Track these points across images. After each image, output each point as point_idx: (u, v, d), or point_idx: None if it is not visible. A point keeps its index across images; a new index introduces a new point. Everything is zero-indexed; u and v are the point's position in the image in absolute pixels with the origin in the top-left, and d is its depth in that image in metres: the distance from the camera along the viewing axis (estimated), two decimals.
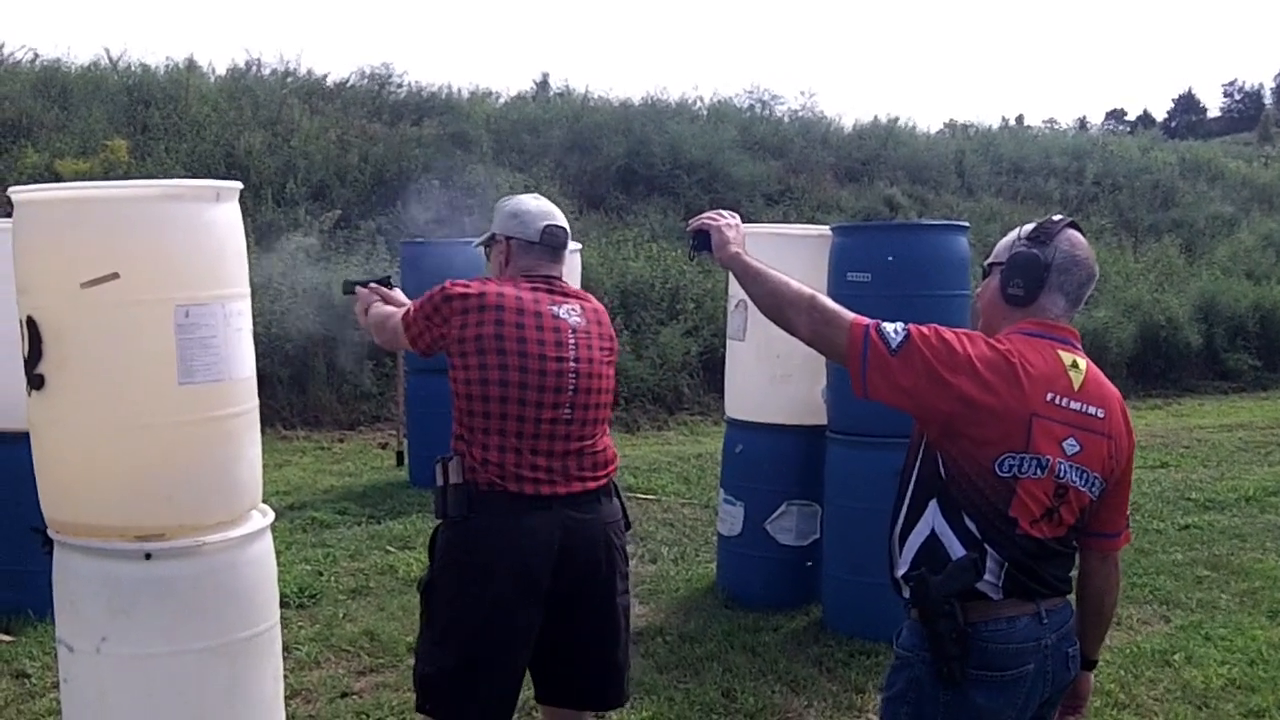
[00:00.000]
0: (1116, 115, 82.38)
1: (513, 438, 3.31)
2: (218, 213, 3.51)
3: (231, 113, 17.59)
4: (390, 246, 13.91)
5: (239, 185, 3.63)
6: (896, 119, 26.01)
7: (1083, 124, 51.60)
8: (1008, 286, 2.74)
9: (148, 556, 3.35)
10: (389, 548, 7.38)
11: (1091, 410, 2.64)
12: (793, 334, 2.81)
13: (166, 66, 19.08)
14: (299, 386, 12.80)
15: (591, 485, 3.39)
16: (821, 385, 5.95)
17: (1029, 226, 2.81)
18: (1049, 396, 2.59)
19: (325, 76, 20.69)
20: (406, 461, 9.93)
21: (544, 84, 25.16)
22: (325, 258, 14.35)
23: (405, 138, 18.31)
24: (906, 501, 2.71)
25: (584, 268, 10.88)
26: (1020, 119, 43.86)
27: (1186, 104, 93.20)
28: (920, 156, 23.76)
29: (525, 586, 3.30)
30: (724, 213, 3.15)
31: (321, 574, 6.72)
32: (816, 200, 20.17)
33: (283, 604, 5.89)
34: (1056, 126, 43.25)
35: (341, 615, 6.00)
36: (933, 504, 2.64)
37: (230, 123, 17.23)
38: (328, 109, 19.16)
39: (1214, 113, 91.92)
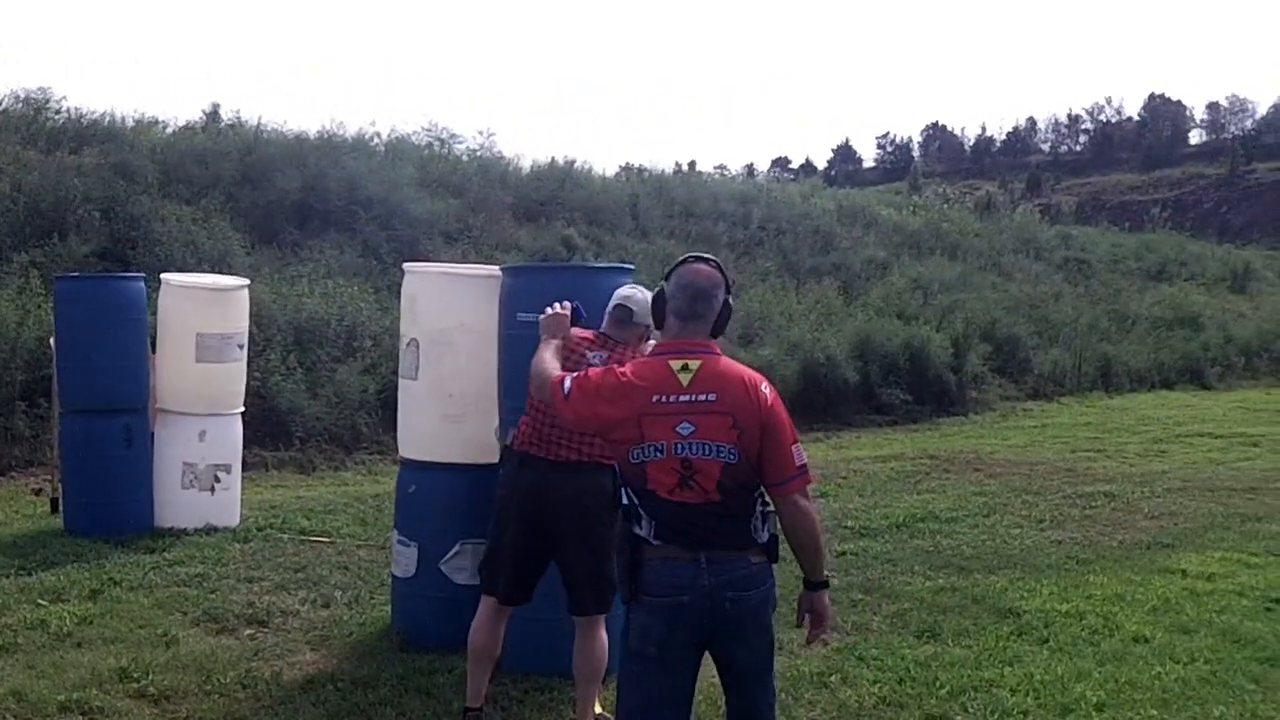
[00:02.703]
0: (781, 163, 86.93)
1: (531, 418, 5.00)
2: None
3: None
4: (45, 281, 13.10)
5: None
6: (574, 161, 26.58)
7: (750, 171, 54.18)
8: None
9: None
10: (40, 600, 6.90)
11: (702, 398, 3.56)
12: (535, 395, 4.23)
13: None
14: None
15: (569, 458, 4.88)
16: (495, 424, 5.96)
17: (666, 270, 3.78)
18: (654, 398, 3.57)
19: None
20: (62, 508, 9.30)
21: (214, 114, 24.31)
22: None
23: (63, 166, 17.30)
24: None
25: (256, 304, 10.56)
26: (693, 164, 45.64)
27: (844, 154, 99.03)
28: (596, 198, 24.27)
29: (517, 514, 4.95)
30: (557, 306, 4.74)
31: None
32: (495, 239, 20.30)
33: None
34: (726, 173, 45.19)
35: None
36: (623, 489, 3.68)
37: None
38: None
39: (869, 163, 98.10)
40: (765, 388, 3.63)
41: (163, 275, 9.59)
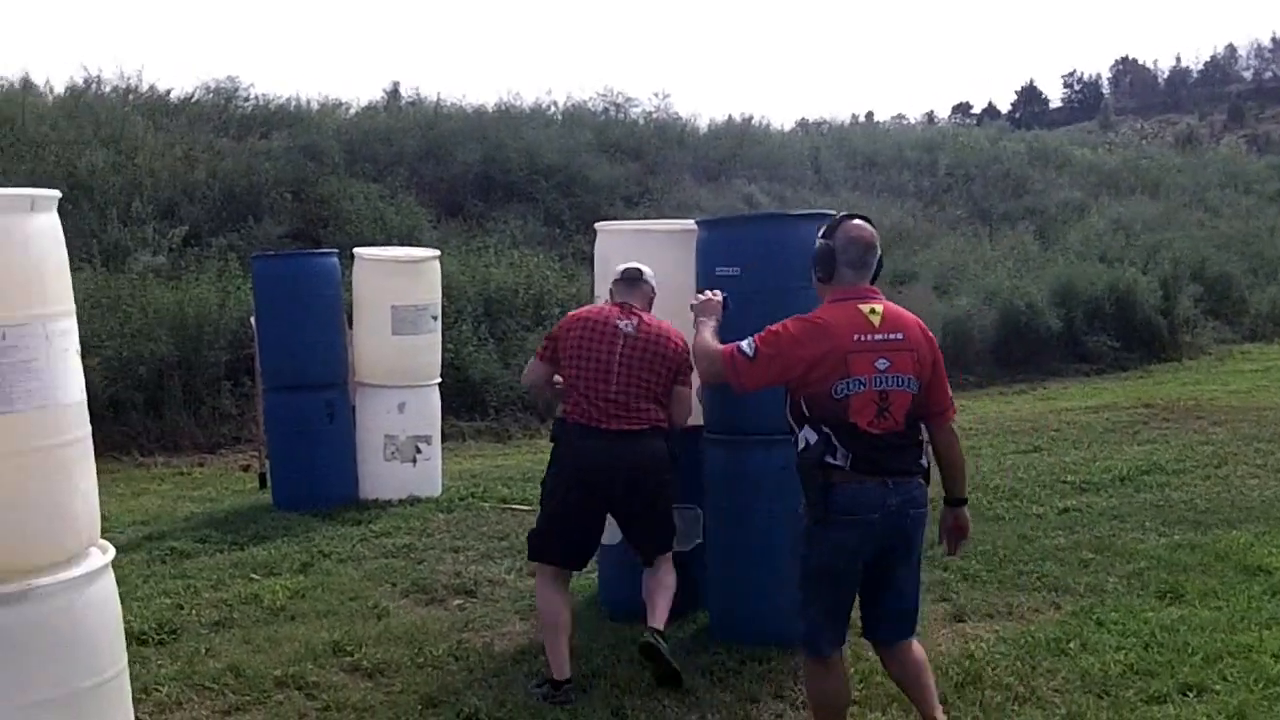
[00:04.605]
0: (962, 109, 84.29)
1: (580, 394, 5.15)
2: (34, 224, 3.19)
3: (71, 131, 16.98)
4: (243, 262, 13.45)
5: (56, 194, 3.32)
6: (750, 118, 26.20)
7: (931, 118, 52.62)
8: (815, 274, 4.17)
9: None
10: (253, 575, 7.00)
11: (892, 336, 4.00)
12: (701, 378, 4.54)
13: (0, 86, 18.34)
14: (154, 411, 12.30)
15: (628, 428, 5.08)
16: (695, 385, 5.75)
17: (823, 228, 4.20)
18: (855, 337, 3.96)
19: (169, 92, 20.25)
20: (269, 483, 9.50)
21: (395, 93, 24.70)
22: (176, 276, 13.84)
23: (254, 151, 17.81)
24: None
25: (445, 276, 10.56)
26: (870, 115, 44.50)
27: (1029, 95, 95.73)
28: (776, 154, 23.89)
29: (581, 481, 5.13)
30: (708, 293, 4.75)
31: (182, 607, 6.31)
32: (676, 200, 20.10)
33: (140, 641, 5.58)
34: (905, 121, 43.97)
35: (204, 650, 5.61)
36: (803, 428, 4.04)
37: (71, 141, 16.61)
38: (172, 125, 18.57)
39: (1055, 103, 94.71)
40: (927, 330, 4.17)
41: (355, 250, 9.66)
